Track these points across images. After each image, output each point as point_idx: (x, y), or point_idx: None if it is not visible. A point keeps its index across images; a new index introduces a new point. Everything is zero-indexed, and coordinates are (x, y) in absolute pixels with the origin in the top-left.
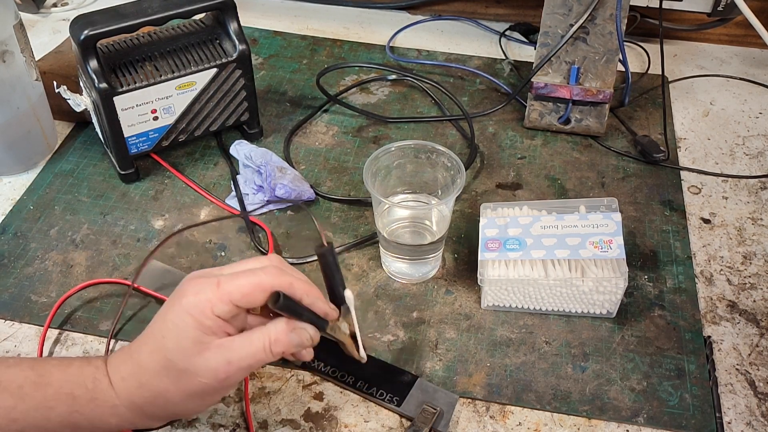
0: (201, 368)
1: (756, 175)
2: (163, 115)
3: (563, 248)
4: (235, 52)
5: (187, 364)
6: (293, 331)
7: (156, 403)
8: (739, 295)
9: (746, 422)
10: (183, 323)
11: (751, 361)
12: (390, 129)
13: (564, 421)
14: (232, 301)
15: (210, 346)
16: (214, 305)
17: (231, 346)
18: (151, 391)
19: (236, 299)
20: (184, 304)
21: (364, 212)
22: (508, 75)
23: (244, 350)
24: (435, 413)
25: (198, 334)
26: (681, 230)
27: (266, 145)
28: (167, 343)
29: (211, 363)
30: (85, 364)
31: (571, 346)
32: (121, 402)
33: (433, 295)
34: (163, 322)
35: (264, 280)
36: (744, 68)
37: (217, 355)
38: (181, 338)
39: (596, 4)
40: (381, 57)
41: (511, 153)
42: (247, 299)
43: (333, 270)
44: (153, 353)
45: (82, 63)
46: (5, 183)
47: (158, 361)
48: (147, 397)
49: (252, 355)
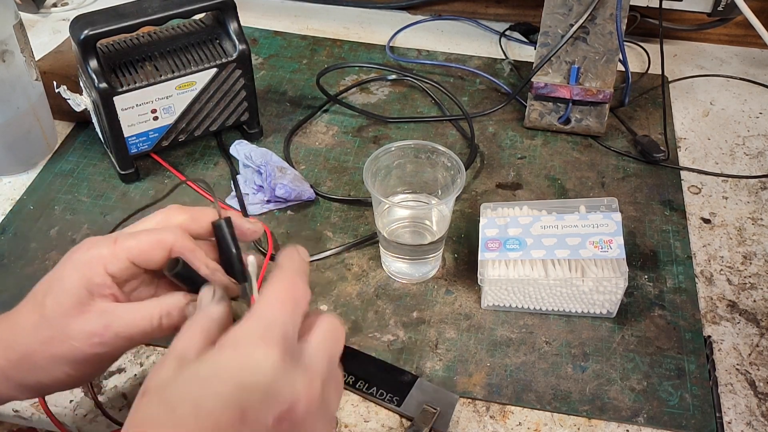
0: (75, 330)
1: (756, 175)
2: (163, 115)
3: (563, 248)
4: (235, 52)
5: (61, 323)
6: (190, 304)
7: (21, 367)
8: (739, 295)
9: (746, 422)
10: (68, 280)
11: (751, 361)
12: (390, 129)
13: (564, 421)
14: (129, 258)
15: (91, 308)
16: (108, 261)
17: (114, 311)
18: (18, 352)
19: (134, 255)
20: (73, 260)
21: (364, 212)
22: (508, 75)
23: (129, 317)
24: (435, 413)
25: (82, 294)
26: (681, 230)
27: (266, 145)
28: (47, 300)
29: (87, 326)
30: None
31: (571, 346)
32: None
33: (433, 295)
34: (49, 279)
35: (165, 237)
36: (744, 68)
37: (96, 318)
38: (62, 295)
39: (596, 4)
40: (381, 57)
41: (511, 153)
42: (145, 256)
43: (230, 243)
44: (30, 312)
45: (82, 63)
46: (5, 183)
47: (33, 320)
48: (12, 359)
49: (135, 325)
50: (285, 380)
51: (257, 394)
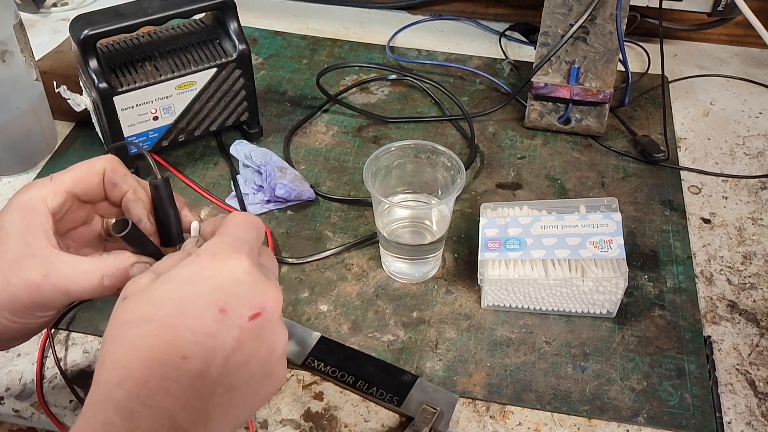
0: (14, 277)
1: (756, 175)
2: (163, 115)
3: (563, 248)
4: (235, 52)
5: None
6: (135, 265)
7: None
8: (739, 295)
9: (746, 422)
10: (10, 223)
11: (751, 361)
12: (390, 129)
13: (564, 421)
14: (66, 189)
15: (35, 254)
16: (47, 197)
17: (54, 261)
18: None
19: (69, 185)
20: (14, 202)
21: (364, 212)
22: (508, 75)
23: (67, 270)
24: (435, 413)
25: (27, 237)
26: (681, 230)
27: (266, 145)
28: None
29: (27, 273)
30: None
31: (571, 346)
32: None
33: (433, 295)
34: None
35: (98, 163)
36: (744, 68)
37: (36, 266)
38: (7, 239)
39: (596, 4)
40: (381, 57)
41: (511, 153)
42: (82, 184)
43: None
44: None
45: (82, 63)
46: (5, 183)
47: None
48: None
49: (74, 280)
50: (256, 285)
51: (234, 297)
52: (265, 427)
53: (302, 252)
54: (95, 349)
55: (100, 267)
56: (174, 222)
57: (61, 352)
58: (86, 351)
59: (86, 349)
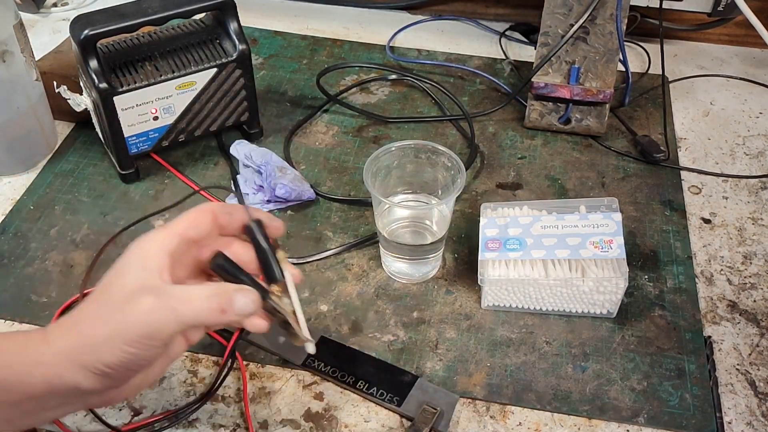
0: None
1: (756, 175)
2: (163, 115)
3: (563, 248)
4: (235, 52)
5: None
6: (238, 291)
7: (83, 347)
8: (739, 295)
9: (746, 422)
10: (129, 267)
11: (751, 361)
12: (390, 129)
13: (564, 421)
14: (179, 232)
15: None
16: (162, 241)
17: (171, 291)
18: (80, 332)
19: (182, 229)
20: (131, 249)
21: (364, 212)
22: (508, 75)
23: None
24: (435, 413)
25: (143, 275)
26: (681, 230)
27: (266, 145)
28: (112, 287)
29: (139, 299)
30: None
31: (572, 346)
32: (49, 348)
33: (433, 295)
34: (111, 272)
35: (204, 206)
36: (744, 68)
37: (148, 292)
38: (125, 278)
39: (596, 4)
40: (381, 57)
41: (511, 153)
42: (194, 225)
43: (262, 244)
44: (94, 300)
45: (82, 63)
46: (5, 183)
47: (96, 304)
48: (74, 339)
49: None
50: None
51: None
52: (265, 427)
53: (302, 252)
54: None
55: (207, 290)
56: (271, 260)
57: None
58: None
59: None
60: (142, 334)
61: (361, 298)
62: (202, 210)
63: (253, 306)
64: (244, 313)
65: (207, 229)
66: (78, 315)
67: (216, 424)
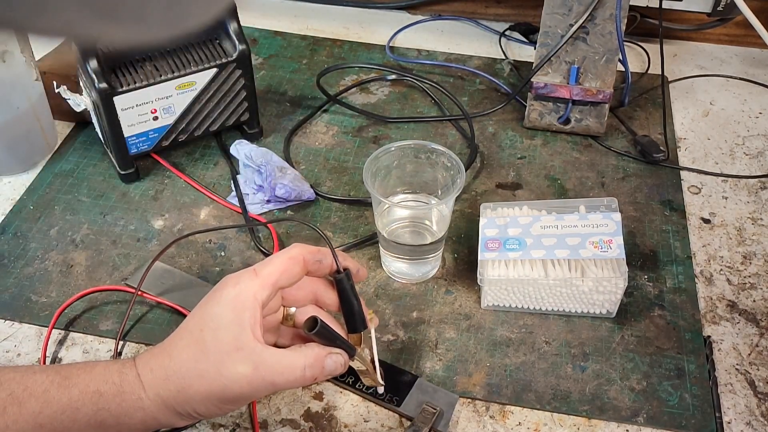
0: (229, 369)
1: (756, 175)
2: (163, 115)
3: (563, 248)
4: (235, 52)
5: (218, 359)
6: (329, 356)
7: (178, 399)
8: (738, 295)
9: (746, 422)
10: (223, 316)
11: (750, 360)
12: (390, 129)
13: (564, 421)
14: (272, 283)
15: (244, 347)
16: (256, 292)
17: (262, 353)
18: (177, 384)
19: (275, 279)
20: (224, 296)
21: (364, 212)
22: (508, 75)
23: (275, 363)
24: (435, 413)
25: (237, 330)
26: (681, 230)
27: (266, 145)
28: (205, 335)
29: (240, 367)
30: (112, 362)
31: (571, 346)
32: (147, 394)
33: (433, 295)
34: (201, 316)
35: (294, 253)
36: (744, 68)
37: (245, 358)
38: (219, 331)
39: (596, 4)
40: (381, 57)
41: (511, 153)
42: (287, 275)
43: (350, 295)
44: (188, 346)
45: (82, 63)
46: (5, 183)
47: (191, 354)
48: (171, 390)
49: (281, 373)
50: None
51: None
52: (264, 427)
53: None
54: (95, 349)
55: (302, 360)
56: (358, 311)
57: (61, 352)
58: (86, 351)
59: (86, 349)
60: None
61: (360, 298)
62: (294, 258)
63: (342, 369)
64: (333, 375)
65: (298, 277)
66: (171, 363)
67: (216, 424)
